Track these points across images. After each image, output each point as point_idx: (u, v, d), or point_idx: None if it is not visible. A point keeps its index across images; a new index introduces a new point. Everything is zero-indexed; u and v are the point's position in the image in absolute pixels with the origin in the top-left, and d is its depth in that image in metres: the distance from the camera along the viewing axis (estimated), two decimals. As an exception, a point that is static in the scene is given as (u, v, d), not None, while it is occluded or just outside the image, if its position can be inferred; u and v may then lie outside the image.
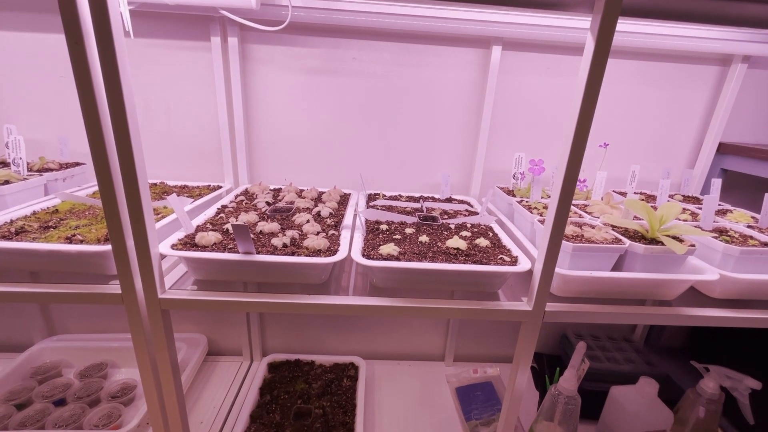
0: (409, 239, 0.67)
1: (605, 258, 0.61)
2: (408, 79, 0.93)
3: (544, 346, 1.20)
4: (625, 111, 0.98)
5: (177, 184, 0.92)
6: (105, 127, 0.46)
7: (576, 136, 0.49)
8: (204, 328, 1.13)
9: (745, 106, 0.97)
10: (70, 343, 1.04)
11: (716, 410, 0.80)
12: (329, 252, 0.59)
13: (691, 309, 0.60)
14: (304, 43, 0.89)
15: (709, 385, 0.79)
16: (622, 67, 0.94)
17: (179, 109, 0.92)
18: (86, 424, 0.81)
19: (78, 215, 0.69)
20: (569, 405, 0.79)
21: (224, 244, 0.60)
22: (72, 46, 0.43)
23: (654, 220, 0.63)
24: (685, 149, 1.01)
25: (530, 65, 0.93)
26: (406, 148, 0.99)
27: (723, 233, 0.71)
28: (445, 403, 1.03)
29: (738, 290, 0.62)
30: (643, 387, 0.82)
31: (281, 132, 0.96)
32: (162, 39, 0.87)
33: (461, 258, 0.60)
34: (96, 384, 0.92)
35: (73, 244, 0.56)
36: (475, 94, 0.94)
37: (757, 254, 0.62)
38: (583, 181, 0.86)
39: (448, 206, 0.87)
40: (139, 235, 0.51)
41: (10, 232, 0.60)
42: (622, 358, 1.02)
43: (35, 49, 0.87)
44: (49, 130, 0.93)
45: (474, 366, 1.12)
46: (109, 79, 0.44)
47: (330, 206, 0.79)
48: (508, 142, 0.98)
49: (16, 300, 0.57)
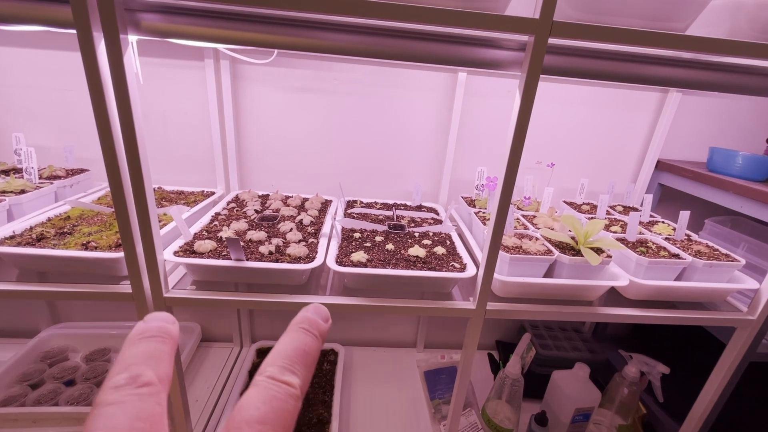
0: (377, 247, 0.78)
1: (538, 266, 0.73)
2: (384, 98, 1.03)
3: (505, 335, 1.35)
4: (577, 130, 1.10)
5: (174, 190, 1.02)
6: (122, 165, 0.56)
7: (507, 173, 0.60)
8: (198, 317, 1.24)
9: (681, 128, 1.10)
10: (75, 330, 1.14)
11: (637, 390, 0.95)
12: (308, 259, 0.71)
13: (605, 308, 0.74)
14: (290, 65, 0.98)
15: (632, 370, 0.93)
16: (574, 92, 1.05)
17: (175, 120, 1.01)
18: (95, 401, 0.92)
19: (88, 221, 0.79)
20: (514, 386, 0.93)
21: (219, 251, 0.71)
22: (93, 91, 0.52)
23: (580, 235, 0.76)
24: (629, 165, 1.14)
25: (492, 88, 1.03)
26: (382, 159, 1.10)
27: (643, 244, 0.84)
28: (414, 385, 1.17)
29: (646, 293, 0.76)
30: (578, 371, 0.96)
31: (269, 143, 1.06)
32: (159, 58, 0.95)
33: (419, 265, 0.72)
34: (101, 367, 1.03)
35: (89, 250, 0.67)
36: (443, 112, 1.05)
37: (663, 264, 0.75)
38: (528, 197, 0.99)
39: (417, 214, 0.98)
40: (147, 243, 0.62)
41: (32, 238, 0.70)
42: (570, 347, 1.16)
43: (43, 63, 0.94)
44: (53, 137, 1.01)
45: (442, 352, 1.26)
46: (126, 124, 0.54)
47: (311, 214, 0.90)
48: (472, 155, 1.10)
49: (41, 297, 0.67)
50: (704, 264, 0.75)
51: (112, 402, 0.15)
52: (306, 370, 0.19)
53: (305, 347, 0.19)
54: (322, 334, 0.20)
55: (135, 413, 0.15)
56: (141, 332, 0.18)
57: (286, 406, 0.17)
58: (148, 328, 0.18)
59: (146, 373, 0.16)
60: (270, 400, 0.16)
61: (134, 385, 0.16)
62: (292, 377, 0.18)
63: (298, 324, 0.20)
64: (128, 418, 0.15)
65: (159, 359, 0.17)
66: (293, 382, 0.17)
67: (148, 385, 0.16)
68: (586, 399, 0.94)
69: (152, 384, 0.16)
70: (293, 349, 0.19)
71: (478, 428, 0.98)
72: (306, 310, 0.21)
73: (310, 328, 0.20)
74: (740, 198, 0.90)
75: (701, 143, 1.13)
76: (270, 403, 0.16)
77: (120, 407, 0.15)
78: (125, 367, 0.16)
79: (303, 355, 0.19)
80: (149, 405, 0.16)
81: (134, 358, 0.17)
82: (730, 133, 1.14)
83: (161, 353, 0.18)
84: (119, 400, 0.15)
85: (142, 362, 0.17)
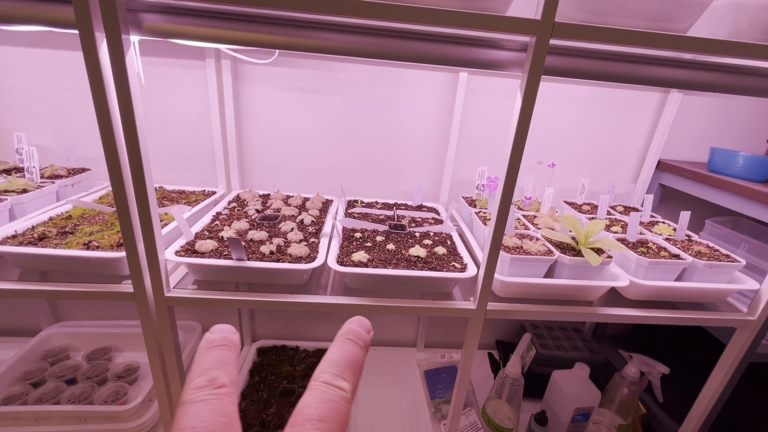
0: (378, 247, 0.79)
1: (538, 266, 0.74)
2: (385, 98, 1.03)
3: (505, 334, 1.35)
4: (578, 130, 1.10)
5: (175, 189, 1.02)
6: (123, 164, 0.56)
7: (508, 174, 0.60)
8: (199, 316, 1.24)
9: (682, 128, 1.10)
10: (76, 329, 1.14)
11: (637, 390, 0.95)
12: (309, 259, 0.71)
13: (606, 309, 0.74)
14: (292, 65, 0.98)
15: (631, 370, 0.93)
16: (575, 92, 1.05)
17: (176, 120, 1.01)
18: (96, 400, 0.92)
19: (89, 220, 0.79)
20: (514, 386, 0.94)
21: (220, 251, 0.71)
22: (95, 91, 0.52)
23: (581, 235, 0.76)
24: (630, 165, 1.14)
25: (493, 88, 1.03)
26: (382, 159, 1.10)
27: (643, 244, 0.84)
28: (414, 384, 1.17)
29: (646, 293, 0.76)
30: (578, 371, 0.96)
31: (270, 142, 1.06)
32: (160, 57, 0.95)
33: (420, 265, 0.72)
34: (102, 366, 1.03)
35: (91, 250, 0.67)
36: (444, 111, 1.05)
37: (663, 264, 0.75)
38: (529, 198, 0.99)
39: (418, 214, 0.98)
40: (148, 243, 0.62)
41: (35, 237, 0.70)
42: (570, 347, 1.16)
43: (43, 62, 0.94)
44: (54, 137, 1.01)
45: (442, 352, 1.26)
46: (127, 124, 0.54)
47: (312, 214, 0.90)
48: (473, 155, 1.10)
49: (43, 297, 0.67)
50: (705, 264, 0.75)
51: (197, 400, 0.18)
52: (354, 376, 0.21)
53: (352, 356, 0.21)
54: (366, 345, 0.22)
55: (216, 410, 0.18)
56: (210, 342, 0.21)
57: (341, 408, 0.19)
58: (215, 338, 0.21)
59: (221, 376, 0.19)
60: (327, 402, 0.19)
61: (212, 387, 0.19)
62: (343, 383, 0.20)
63: (344, 335, 0.22)
64: (212, 414, 0.17)
65: (228, 365, 0.20)
66: (345, 387, 0.20)
67: (224, 386, 0.19)
68: (586, 399, 0.95)
69: (227, 386, 0.19)
70: (342, 358, 0.21)
71: (478, 427, 0.98)
72: (350, 322, 0.23)
73: (356, 339, 0.22)
74: (741, 198, 0.90)
75: (702, 143, 1.13)
76: (327, 404, 0.18)
77: (204, 404, 0.18)
78: (203, 371, 0.19)
79: (351, 363, 0.21)
80: (226, 404, 0.18)
81: (208, 364, 0.20)
82: (730, 133, 1.14)
83: (229, 360, 0.20)
84: (202, 398, 0.18)
85: (215, 367, 0.20)
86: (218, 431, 0.17)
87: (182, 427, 0.17)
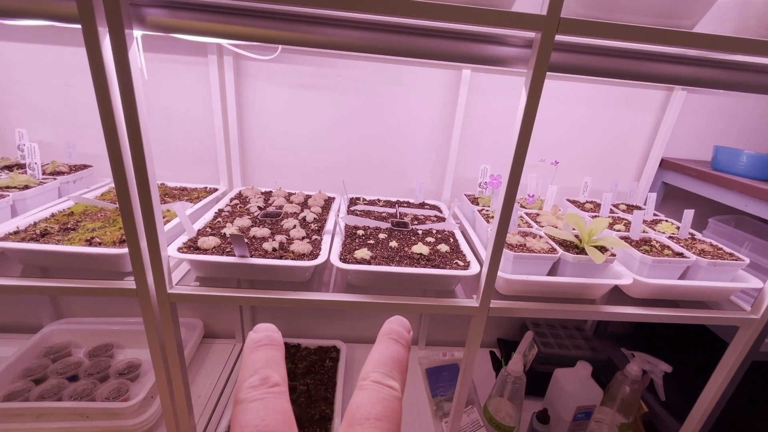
0: (381, 244, 0.78)
1: (541, 264, 0.73)
2: (387, 95, 1.03)
3: (507, 333, 1.35)
4: (581, 128, 1.09)
5: (176, 186, 1.02)
6: (126, 161, 0.55)
7: (512, 171, 0.60)
8: (200, 313, 1.24)
9: (685, 127, 1.10)
10: (77, 326, 1.14)
11: (639, 388, 0.95)
12: (312, 256, 0.71)
13: (608, 306, 0.74)
14: (294, 61, 0.98)
15: (634, 368, 0.93)
16: (578, 90, 1.05)
17: (178, 116, 1.01)
18: (98, 397, 0.92)
19: (91, 217, 0.79)
20: (516, 384, 0.94)
21: (222, 247, 0.71)
22: (98, 89, 0.52)
23: (584, 233, 0.75)
24: (633, 163, 1.14)
25: (496, 85, 1.03)
26: (384, 156, 1.09)
27: (647, 243, 0.84)
28: (415, 382, 1.17)
29: (649, 292, 0.76)
30: (580, 369, 0.96)
31: (272, 139, 1.06)
32: (162, 53, 0.95)
33: (422, 262, 0.72)
34: (104, 362, 1.03)
35: (93, 246, 0.67)
36: (447, 109, 1.05)
37: (666, 263, 0.75)
38: (532, 195, 0.99)
39: (420, 212, 0.98)
40: (151, 240, 0.62)
41: (36, 234, 0.70)
42: (572, 345, 1.16)
43: (44, 58, 0.94)
44: (56, 133, 1.01)
45: (443, 350, 1.26)
46: (130, 120, 0.54)
47: (314, 211, 0.89)
48: (476, 153, 1.10)
49: (45, 293, 0.67)
50: (708, 263, 0.75)
51: (254, 399, 0.18)
52: (401, 375, 0.21)
53: (398, 355, 0.21)
54: (408, 344, 0.22)
55: (274, 408, 0.18)
56: (256, 342, 0.21)
57: (394, 406, 0.19)
58: (260, 338, 0.21)
59: (273, 375, 0.19)
60: (381, 401, 0.19)
61: (267, 386, 0.19)
62: (393, 382, 0.20)
63: (387, 335, 0.22)
64: (271, 412, 0.18)
65: (277, 363, 0.20)
66: (395, 386, 0.20)
67: (277, 385, 0.19)
68: (588, 397, 0.95)
69: (280, 384, 0.19)
70: (389, 358, 0.21)
71: (479, 425, 0.98)
72: (390, 322, 0.23)
73: (399, 339, 0.22)
74: (744, 197, 0.90)
75: (706, 142, 1.13)
76: (382, 403, 0.19)
77: (262, 403, 0.18)
78: (255, 371, 0.19)
79: (397, 362, 0.21)
80: (282, 401, 0.18)
81: (258, 363, 0.20)
82: (734, 131, 1.13)
83: (277, 358, 0.20)
84: (259, 397, 0.18)
85: (266, 366, 0.20)
86: (279, 429, 0.17)
87: (244, 426, 0.17)
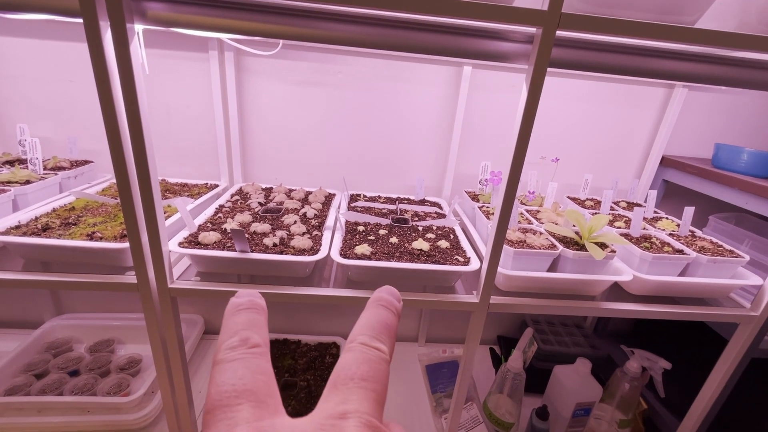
0: (381, 240, 0.78)
1: (541, 260, 0.73)
2: (388, 91, 1.03)
3: (507, 330, 1.35)
4: (582, 125, 1.09)
5: (177, 182, 1.02)
6: (127, 156, 0.56)
7: (512, 168, 0.60)
8: (201, 309, 1.24)
9: (686, 124, 1.10)
10: (78, 321, 1.15)
11: (638, 385, 0.95)
12: (312, 251, 0.71)
13: (608, 303, 0.74)
14: (295, 57, 0.98)
15: (633, 365, 0.93)
16: (579, 86, 1.05)
17: (178, 112, 1.01)
18: (99, 391, 0.93)
19: (92, 212, 0.79)
20: (516, 380, 0.94)
21: (223, 242, 0.71)
22: (99, 84, 0.52)
23: (584, 230, 0.76)
24: (633, 161, 1.14)
25: (497, 82, 1.03)
26: (385, 153, 1.09)
27: (647, 240, 0.84)
28: (415, 379, 1.17)
29: (649, 288, 0.76)
30: (579, 366, 0.96)
31: (273, 135, 1.06)
32: (163, 49, 0.95)
33: (423, 258, 0.72)
34: (105, 358, 1.04)
35: (95, 241, 0.67)
36: (448, 106, 1.05)
37: (666, 260, 0.75)
38: (532, 192, 0.99)
39: (420, 208, 0.98)
40: (152, 234, 0.62)
41: (38, 228, 0.70)
42: (571, 342, 1.16)
43: (46, 54, 0.94)
44: (57, 129, 1.01)
45: (443, 347, 1.27)
46: (132, 115, 0.54)
47: (315, 207, 0.90)
48: (477, 150, 1.10)
49: (47, 287, 0.67)
50: (708, 260, 0.75)
51: (232, 359, 0.17)
52: (390, 340, 0.20)
53: (386, 321, 0.21)
54: (398, 312, 0.22)
55: (253, 368, 0.17)
56: (237, 306, 0.20)
57: (381, 368, 0.18)
58: (242, 302, 0.21)
59: (253, 336, 0.19)
60: (368, 361, 0.18)
61: (246, 346, 0.18)
62: (381, 345, 0.19)
63: (376, 302, 0.22)
64: (249, 371, 0.17)
65: (259, 326, 0.19)
66: (383, 348, 0.19)
67: (257, 346, 0.18)
68: (587, 393, 0.95)
69: (260, 345, 0.18)
70: (377, 322, 0.20)
71: (479, 421, 0.99)
72: (380, 291, 0.23)
73: (389, 306, 0.22)
74: (745, 194, 0.90)
75: (706, 139, 1.13)
76: (368, 363, 0.18)
77: (240, 362, 0.17)
78: (234, 332, 0.19)
79: (386, 327, 0.20)
80: (262, 361, 0.18)
81: (239, 325, 0.19)
82: (735, 129, 1.13)
83: (259, 321, 0.20)
84: (238, 357, 0.17)
85: (246, 328, 0.19)
86: (258, 389, 0.17)
87: (220, 384, 0.16)
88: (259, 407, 0.16)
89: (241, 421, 0.15)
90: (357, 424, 0.16)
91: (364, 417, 0.16)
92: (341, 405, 0.17)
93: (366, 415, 0.17)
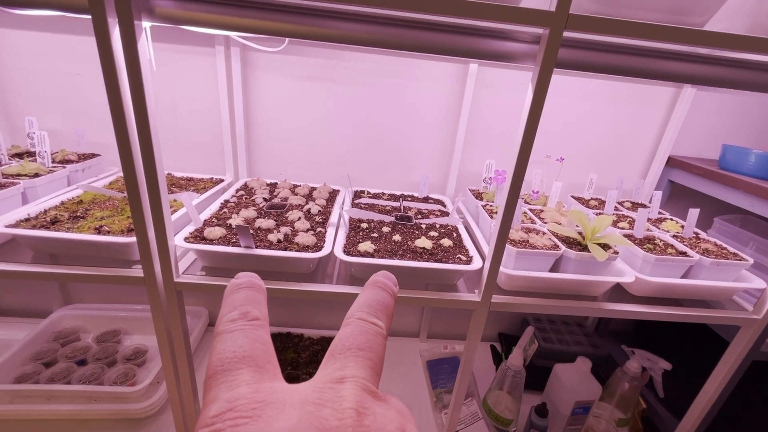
0: (384, 237, 0.79)
1: (544, 260, 0.74)
2: (394, 88, 1.02)
3: (508, 327, 1.36)
4: (587, 124, 1.09)
5: (183, 176, 1.03)
6: (134, 150, 0.56)
7: (517, 167, 0.60)
8: (206, 302, 1.26)
9: (693, 125, 1.09)
10: (86, 311, 1.17)
11: (638, 385, 0.95)
12: (316, 248, 0.72)
13: (610, 304, 0.74)
14: (301, 53, 0.98)
15: (633, 365, 0.94)
16: (585, 86, 1.04)
17: (184, 107, 1.02)
18: (106, 381, 0.95)
19: (100, 206, 0.80)
20: (516, 378, 0.94)
21: (228, 238, 0.72)
22: (107, 80, 0.53)
23: (587, 230, 0.76)
24: (639, 161, 1.13)
25: (503, 80, 1.02)
26: (390, 150, 1.09)
27: (650, 241, 0.84)
28: (416, 374, 1.18)
29: (651, 290, 0.76)
30: (579, 365, 0.97)
31: (278, 131, 1.06)
32: (169, 44, 0.95)
33: (425, 256, 0.73)
34: (112, 348, 1.06)
35: (102, 235, 0.68)
36: (453, 103, 1.05)
37: (669, 262, 0.75)
38: (536, 191, 0.98)
39: (424, 206, 0.98)
40: (158, 229, 0.63)
41: (47, 221, 0.71)
42: (572, 341, 1.17)
43: (54, 47, 0.95)
44: (65, 122, 1.02)
45: (444, 343, 1.28)
46: (139, 110, 0.54)
47: (319, 204, 0.90)
48: (481, 148, 1.09)
49: (56, 279, 0.69)
50: (711, 262, 0.75)
51: (233, 330, 0.18)
52: (387, 317, 0.21)
53: (383, 300, 0.22)
54: (394, 294, 0.23)
55: (254, 337, 0.18)
56: (236, 285, 0.21)
57: (378, 340, 0.19)
58: (241, 281, 0.21)
59: (253, 310, 0.19)
60: (364, 333, 0.19)
61: (246, 319, 0.19)
62: (377, 320, 0.20)
63: (373, 284, 0.23)
64: (249, 340, 0.18)
65: (258, 302, 0.20)
66: (379, 323, 0.20)
67: (257, 319, 0.19)
68: (587, 392, 0.95)
69: (260, 319, 0.19)
70: (374, 300, 0.21)
71: (478, 417, 1.00)
72: (377, 274, 0.24)
73: (385, 288, 0.23)
74: (751, 197, 0.89)
75: (713, 140, 1.12)
76: (365, 335, 0.19)
77: (241, 332, 0.18)
78: (234, 307, 0.19)
79: (383, 305, 0.21)
80: (262, 332, 0.19)
81: (238, 301, 0.20)
82: (743, 130, 1.12)
83: (258, 299, 0.21)
84: (238, 328, 0.18)
85: (246, 304, 0.20)
86: (258, 356, 0.17)
87: (221, 352, 0.17)
88: (259, 372, 0.17)
89: (242, 383, 0.16)
90: (354, 387, 0.17)
91: (360, 381, 0.17)
92: (339, 371, 0.17)
93: (363, 380, 0.17)
